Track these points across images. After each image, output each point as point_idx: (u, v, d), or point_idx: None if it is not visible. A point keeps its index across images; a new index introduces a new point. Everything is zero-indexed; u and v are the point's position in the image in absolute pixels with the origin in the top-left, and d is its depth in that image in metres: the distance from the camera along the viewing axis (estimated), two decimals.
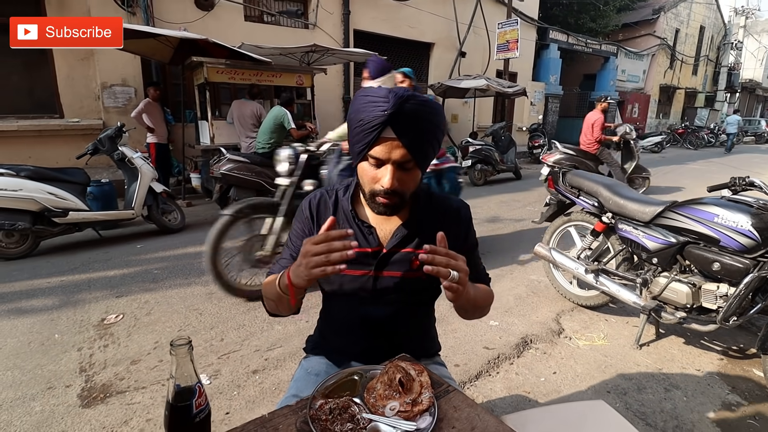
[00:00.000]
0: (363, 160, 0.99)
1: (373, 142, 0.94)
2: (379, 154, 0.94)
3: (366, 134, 0.94)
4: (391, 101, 0.91)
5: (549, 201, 3.30)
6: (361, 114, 0.94)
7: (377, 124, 0.92)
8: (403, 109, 0.91)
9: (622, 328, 2.92)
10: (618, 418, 1.23)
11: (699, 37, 23.08)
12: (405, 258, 1.09)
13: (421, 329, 1.24)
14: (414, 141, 0.94)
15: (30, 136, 6.47)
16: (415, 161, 0.96)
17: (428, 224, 1.10)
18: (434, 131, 0.98)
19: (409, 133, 0.93)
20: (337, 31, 9.57)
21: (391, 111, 0.90)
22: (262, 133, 5.80)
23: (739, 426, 2.01)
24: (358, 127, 0.95)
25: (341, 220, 1.11)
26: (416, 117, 0.93)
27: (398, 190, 0.97)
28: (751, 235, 2.14)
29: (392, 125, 0.92)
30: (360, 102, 0.96)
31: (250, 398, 2.12)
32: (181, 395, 0.65)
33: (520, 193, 7.88)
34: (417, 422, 0.82)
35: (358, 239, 1.08)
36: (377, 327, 1.13)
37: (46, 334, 2.71)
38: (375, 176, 0.97)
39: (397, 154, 0.94)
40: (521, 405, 2.11)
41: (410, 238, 1.09)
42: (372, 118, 0.92)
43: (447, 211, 1.14)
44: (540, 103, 14.61)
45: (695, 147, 18.85)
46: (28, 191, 3.95)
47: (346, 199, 1.11)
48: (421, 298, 1.16)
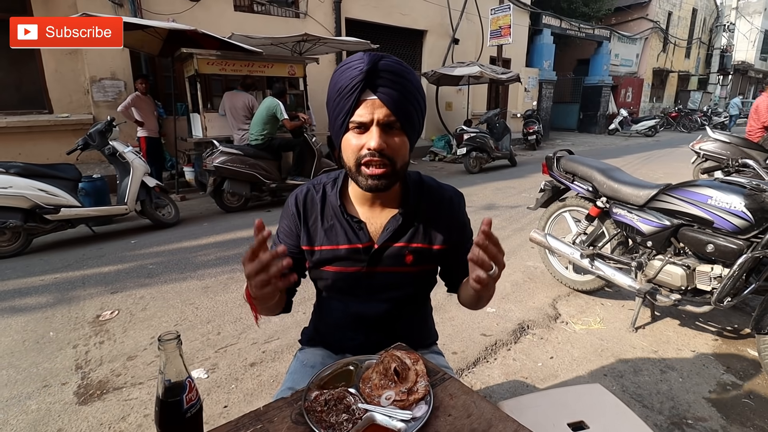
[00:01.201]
0: (345, 132, 0.95)
1: (353, 106, 0.91)
2: (362, 117, 0.91)
3: (345, 99, 0.91)
4: (366, 59, 0.90)
5: (544, 187, 3.29)
6: (339, 83, 0.92)
7: (355, 84, 0.89)
8: (379, 66, 0.89)
9: (617, 311, 2.93)
10: (614, 401, 1.24)
11: (691, 19, 22.97)
12: (398, 253, 1.05)
13: (417, 322, 1.22)
14: (395, 98, 0.90)
15: (19, 132, 6.38)
16: (399, 122, 0.92)
17: (421, 216, 1.07)
18: (413, 91, 0.94)
19: (389, 89, 0.90)
20: (328, 19, 9.46)
21: (367, 67, 0.88)
22: (255, 125, 5.75)
23: (735, 405, 2.03)
24: (337, 96, 0.92)
25: (329, 216, 1.07)
26: (393, 72, 0.91)
27: (387, 154, 0.92)
28: (744, 216, 2.14)
29: (370, 85, 0.89)
30: (336, 74, 0.95)
31: (248, 391, 2.12)
32: (171, 391, 0.64)
33: (515, 180, 7.87)
34: (413, 411, 0.81)
35: (347, 235, 1.04)
36: (372, 323, 1.11)
37: (40, 332, 2.69)
38: (360, 143, 0.92)
39: (380, 113, 0.90)
40: (519, 390, 2.12)
41: (402, 231, 1.05)
42: (349, 80, 0.90)
43: (440, 202, 1.09)
44: (534, 90, 14.56)
45: (689, 130, 18.87)
46: (19, 188, 3.90)
47: (335, 194, 1.07)
48: (416, 292, 1.14)
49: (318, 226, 1.07)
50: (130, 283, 3.42)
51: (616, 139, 15.87)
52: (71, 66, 6.79)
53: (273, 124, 5.75)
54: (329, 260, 1.06)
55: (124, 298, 3.16)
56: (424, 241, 1.06)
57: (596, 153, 11.82)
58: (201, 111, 6.44)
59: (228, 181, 5.57)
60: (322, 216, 1.07)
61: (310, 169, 6.14)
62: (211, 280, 3.44)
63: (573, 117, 18.66)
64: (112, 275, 3.59)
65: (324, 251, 1.06)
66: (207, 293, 3.22)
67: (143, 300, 3.12)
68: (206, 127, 6.46)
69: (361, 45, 7.82)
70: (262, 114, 5.68)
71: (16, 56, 6.36)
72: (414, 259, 1.06)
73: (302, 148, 6.13)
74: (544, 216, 3.36)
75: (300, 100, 7.86)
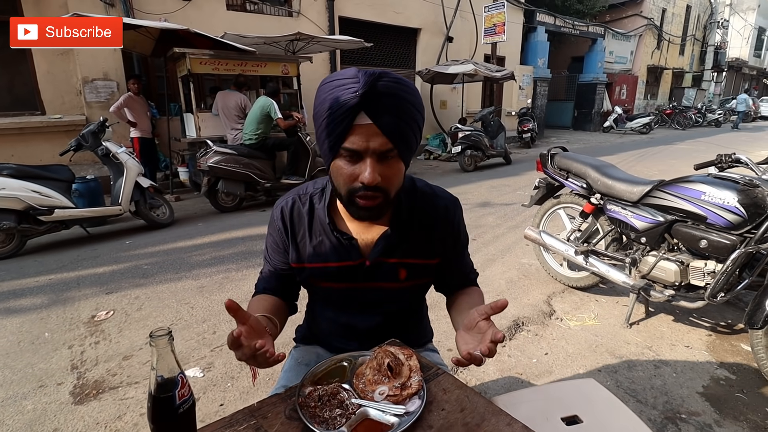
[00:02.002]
0: (336, 157, 0.85)
1: (346, 132, 0.80)
2: (355, 145, 0.81)
3: (336, 124, 0.80)
4: (362, 80, 0.78)
5: (538, 184, 3.30)
6: (327, 102, 0.81)
7: (348, 109, 0.78)
8: (377, 88, 0.78)
9: (612, 307, 2.95)
10: (608, 396, 1.25)
11: (686, 16, 23.06)
12: (390, 269, 1.00)
13: (412, 324, 1.20)
14: (393, 124, 0.81)
15: (11, 134, 6.34)
16: (396, 150, 0.83)
17: (414, 230, 1.01)
18: (414, 113, 0.84)
19: (387, 114, 0.80)
20: (321, 18, 9.44)
21: (363, 90, 0.77)
22: (249, 124, 5.74)
23: (728, 399, 2.04)
24: (326, 118, 0.81)
25: (318, 232, 1.00)
26: (392, 95, 0.80)
27: (381, 186, 0.84)
28: (737, 211, 2.15)
29: (366, 108, 0.79)
30: (325, 90, 0.83)
31: (244, 389, 2.12)
32: (163, 387, 0.64)
33: (510, 177, 7.89)
34: (406, 406, 0.81)
35: (337, 252, 0.99)
36: (366, 334, 1.09)
37: (35, 332, 2.68)
38: (353, 173, 0.84)
39: (375, 142, 0.80)
40: (514, 386, 2.13)
41: (395, 246, 0.99)
42: (342, 103, 0.79)
43: (435, 211, 1.02)
44: (528, 87, 14.58)
45: (683, 127, 18.96)
46: (12, 190, 3.88)
47: (322, 208, 0.99)
48: (411, 304, 1.13)
49: (306, 242, 1.01)
50: (125, 283, 3.41)
51: (610, 137, 15.93)
52: (63, 67, 6.75)
53: (267, 123, 5.74)
54: (320, 277, 1.03)
55: (119, 298, 3.15)
56: (418, 256, 1.02)
57: (591, 150, 11.86)
58: (194, 111, 6.42)
59: (222, 181, 5.55)
60: (310, 232, 1.01)
61: (304, 168, 6.13)
62: (206, 280, 3.44)
63: (568, 115, 18.72)
64: (106, 276, 3.57)
65: (314, 269, 1.01)
66: (202, 293, 3.21)
67: (138, 300, 3.11)
68: (200, 127, 6.44)
69: (354, 43, 7.81)
70: (255, 113, 5.67)
71: (7, 57, 6.32)
72: (408, 275, 1.02)
73: (296, 148, 6.13)
74: (538, 213, 3.37)
75: (294, 99, 7.85)
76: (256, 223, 5.16)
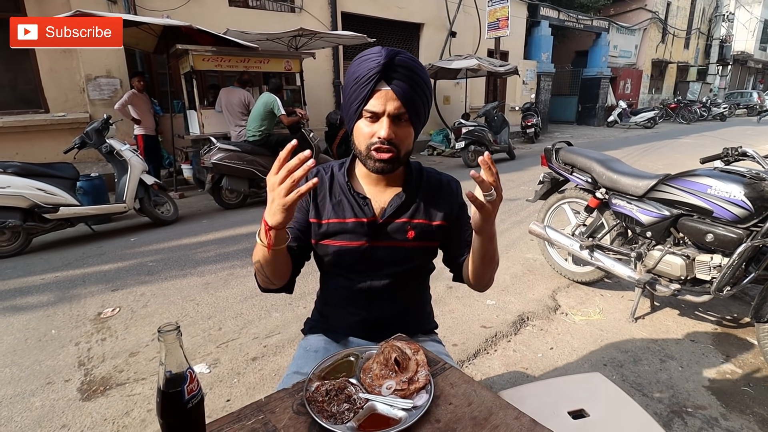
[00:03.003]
0: (358, 119, 1.03)
1: (368, 95, 0.99)
2: (375, 107, 0.99)
3: (362, 88, 0.99)
4: (384, 54, 0.98)
5: (543, 179, 3.29)
6: (356, 72, 1.01)
7: (372, 75, 0.97)
8: (395, 61, 0.98)
9: (617, 302, 2.94)
10: (615, 389, 1.25)
11: (690, 9, 22.86)
12: (400, 228, 1.12)
13: (416, 302, 1.26)
14: (406, 92, 0.99)
15: (16, 132, 6.36)
16: (408, 114, 1.01)
17: (422, 196, 1.15)
18: (423, 86, 1.03)
19: (402, 83, 0.98)
20: (324, 13, 9.41)
21: (384, 61, 0.97)
22: (252, 121, 5.74)
23: (734, 393, 2.04)
24: (354, 85, 1.00)
25: (337, 192, 1.14)
26: (407, 68, 0.99)
27: (394, 142, 1.01)
28: (743, 205, 2.14)
29: (385, 77, 0.98)
30: (354, 64, 1.03)
31: (250, 385, 2.13)
32: (172, 382, 0.64)
33: (514, 173, 7.87)
34: (414, 400, 0.82)
35: (353, 209, 1.12)
36: (373, 298, 1.15)
37: (42, 330, 2.70)
38: (372, 131, 1.01)
39: (391, 105, 0.98)
40: (519, 381, 2.13)
41: (404, 208, 1.13)
42: (367, 71, 0.98)
43: (439, 184, 1.19)
44: (532, 82, 14.52)
45: (688, 121, 18.85)
46: (17, 188, 3.90)
47: (342, 174, 1.15)
48: (416, 267, 1.18)
49: (327, 201, 1.14)
50: (130, 280, 3.42)
51: (615, 131, 15.85)
52: (66, 65, 6.76)
53: (270, 119, 5.74)
54: (335, 233, 1.12)
55: (125, 295, 3.16)
56: (425, 217, 1.14)
57: (595, 145, 11.80)
58: (197, 108, 6.42)
59: (226, 177, 5.56)
60: (331, 192, 1.15)
61: None
62: (212, 277, 3.45)
63: (572, 109, 18.62)
64: (112, 273, 3.59)
65: (331, 224, 1.12)
66: (207, 289, 3.22)
67: (144, 297, 3.12)
68: (203, 123, 6.45)
69: (357, 39, 7.78)
70: (259, 110, 5.66)
71: (11, 56, 6.33)
72: (415, 234, 1.13)
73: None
74: (543, 208, 3.36)
75: (297, 95, 7.83)
76: (260, 219, 5.14)
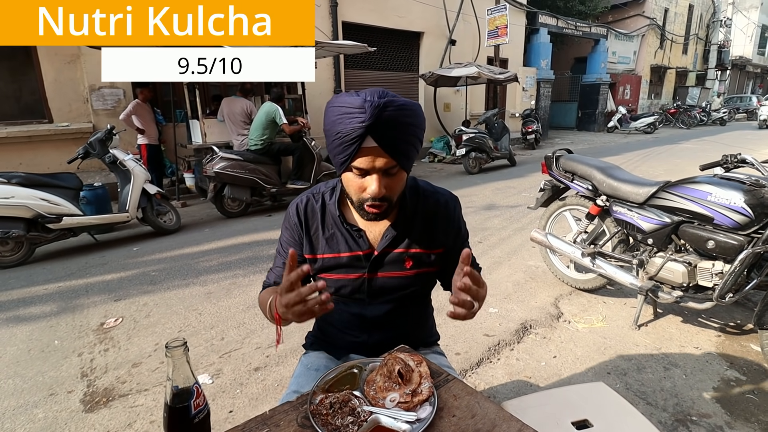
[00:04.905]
0: (347, 170, 0.97)
1: (354, 154, 0.92)
2: (363, 165, 0.93)
3: (346, 147, 0.91)
4: (368, 112, 0.88)
5: (543, 186, 3.30)
6: (337, 126, 0.92)
7: (356, 137, 0.89)
8: (382, 118, 0.88)
9: (620, 309, 2.94)
10: (618, 399, 1.25)
11: (688, 15, 22.97)
12: (397, 258, 1.09)
13: (418, 321, 1.26)
14: (396, 147, 0.92)
15: (19, 142, 6.40)
16: (399, 165, 0.95)
17: (417, 222, 1.11)
18: (415, 132, 0.96)
19: (391, 140, 0.91)
20: (325, 23, 9.48)
21: (369, 122, 0.88)
22: (255, 130, 5.77)
23: (739, 401, 2.03)
24: (336, 139, 0.93)
25: (330, 225, 1.11)
26: (396, 123, 0.90)
27: (386, 196, 0.97)
28: (744, 211, 2.14)
29: (372, 135, 0.89)
30: (334, 114, 0.93)
31: (253, 396, 2.13)
32: (179, 397, 0.65)
33: (515, 179, 7.88)
34: (417, 412, 0.82)
35: (348, 243, 1.09)
36: (375, 324, 1.15)
37: (45, 340, 2.70)
38: (361, 185, 0.96)
39: (380, 162, 0.92)
40: (523, 390, 2.13)
41: (400, 238, 1.10)
42: (350, 130, 0.89)
43: (436, 206, 1.13)
44: (532, 89, 14.56)
45: (688, 126, 18.86)
46: (21, 198, 3.92)
47: (333, 204, 1.10)
48: (417, 293, 1.17)
49: (319, 234, 1.11)
50: (133, 290, 3.43)
51: (615, 137, 15.88)
52: (70, 75, 6.81)
53: (272, 128, 5.77)
54: (331, 268, 1.10)
55: (128, 305, 3.17)
56: (422, 246, 1.11)
57: (595, 151, 11.83)
58: (200, 117, 6.45)
59: (228, 186, 5.58)
60: (323, 225, 1.11)
61: (309, 173, 6.15)
62: (214, 286, 3.45)
63: (571, 115, 18.67)
64: (115, 283, 3.60)
65: (326, 259, 1.10)
66: (210, 299, 3.23)
67: (147, 307, 3.13)
68: (205, 133, 6.48)
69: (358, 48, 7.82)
70: (261, 119, 5.70)
71: (16, 67, 6.40)
72: (413, 264, 1.10)
73: (302, 153, 6.15)
74: (544, 215, 3.37)
75: (298, 104, 7.86)
76: (262, 228, 5.18)
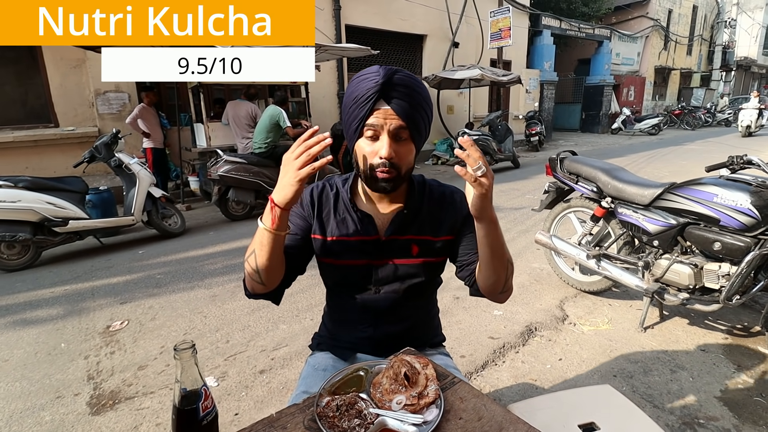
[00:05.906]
0: (359, 137, 1.03)
1: (368, 114, 0.99)
2: (375, 121, 0.99)
3: (360, 107, 0.99)
4: (381, 73, 0.98)
5: (548, 188, 3.30)
6: (355, 92, 1.00)
7: (371, 95, 0.97)
8: (393, 79, 0.97)
9: (625, 311, 2.92)
10: (625, 402, 1.24)
11: (692, 16, 22.91)
12: (404, 245, 1.12)
13: (424, 317, 1.26)
14: (406, 109, 0.99)
15: (26, 146, 6.45)
16: (408, 131, 1.00)
17: (424, 211, 1.14)
18: (422, 102, 1.02)
19: (401, 101, 0.98)
20: (328, 26, 9.51)
21: (382, 80, 0.97)
22: (259, 133, 5.80)
23: (747, 403, 2.02)
24: (353, 104, 1.00)
25: (341, 210, 1.14)
26: (405, 86, 0.99)
27: (395, 162, 1.01)
28: (750, 213, 2.13)
29: (384, 95, 0.98)
30: (353, 84, 1.03)
31: (258, 398, 2.13)
32: (187, 399, 0.65)
33: (518, 181, 7.87)
34: (424, 415, 0.82)
35: (357, 227, 1.12)
36: (380, 315, 1.16)
37: (52, 343, 2.72)
38: (373, 150, 1.01)
39: (391, 122, 0.98)
40: (528, 393, 2.12)
41: (407, 225, 1.12)
42: (365, 91, 0.98)
43: (442, 197, 1.17)
44: (535, 91, 14.55)
45: (693, 127, 18.78)
46: (27, 202, 3.95)
47: (346, 191, 1.15)
48: (422, 283, 1.17)
49: (331, 217, 1.15)
50: (138, 293, 3.45)
51: (619, 139, 15.83)
52: (76, 79, 6.86)
53: (276, 132, 5.79)
54: (339, 251, 1.13)
55: (134, 308, 3.18)
56: (429, 233, 1.14)
57: (600, 153, 11.79)
58: (204, 121, 6.49)
59: (233, 189, 5.60)
60: (335, 209, 1.15)
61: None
62: (219, 289, 3.46)
63: (575, 117, 18.62)
64: (120, 286, 3.62)
65: (335, 241, 1.13)
66: (215, 302, 3.24)
67: (152, 310, 3.14)
68: (210, 136, 6.51)
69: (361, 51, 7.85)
70: (265, 122, 5.73)
71: (21, 71, 6.45)
72: (420, 251, 1.13)
73: None
74: (549, 217, 3.36)
75: (302, 107, 7.90)
76: None
